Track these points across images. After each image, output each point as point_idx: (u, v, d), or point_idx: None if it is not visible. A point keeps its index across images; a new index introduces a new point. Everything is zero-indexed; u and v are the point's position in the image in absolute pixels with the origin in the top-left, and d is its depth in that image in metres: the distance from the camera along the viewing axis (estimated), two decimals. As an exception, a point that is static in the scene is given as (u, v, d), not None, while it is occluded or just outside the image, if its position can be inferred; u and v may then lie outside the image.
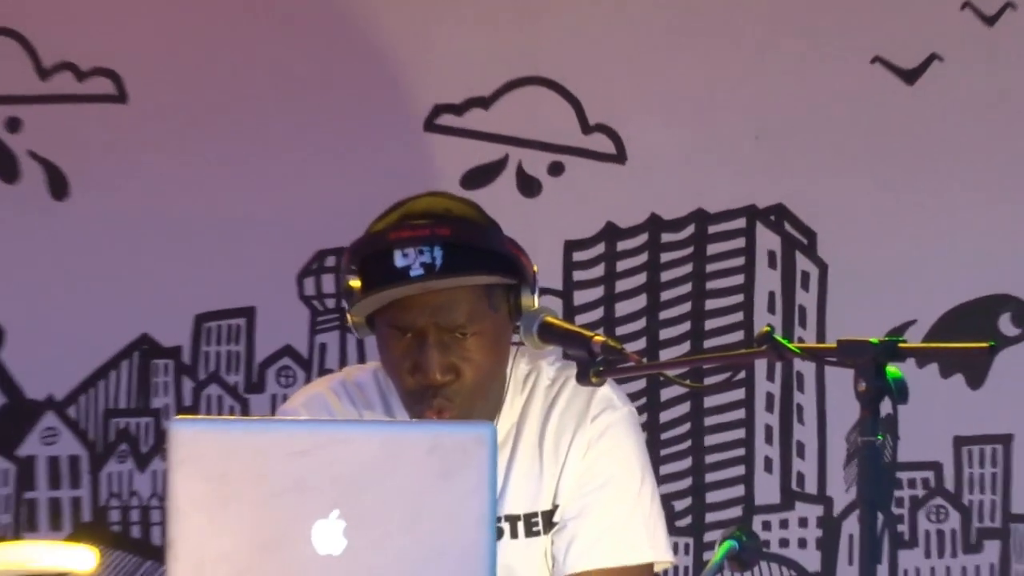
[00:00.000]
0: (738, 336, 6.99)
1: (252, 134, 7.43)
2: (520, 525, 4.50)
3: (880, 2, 7.38)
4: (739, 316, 7.00)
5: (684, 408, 7.07)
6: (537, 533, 4.52)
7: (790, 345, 4.46)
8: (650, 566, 4.69)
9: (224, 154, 7.46)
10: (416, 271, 4.40)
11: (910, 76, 7.07)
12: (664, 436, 7.08)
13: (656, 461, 6.04)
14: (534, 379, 4.71)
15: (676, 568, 6.92)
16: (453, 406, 4.40)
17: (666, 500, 5.41)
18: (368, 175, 7.20)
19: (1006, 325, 6.85)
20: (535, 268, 4.44)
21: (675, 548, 5.41)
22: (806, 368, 6.84)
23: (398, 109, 7.48)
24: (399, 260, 4.41)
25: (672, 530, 5.46)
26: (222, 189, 7.50)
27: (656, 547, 4.63)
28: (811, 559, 6.98)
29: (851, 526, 6.81)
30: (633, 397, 5.34)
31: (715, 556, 4.09)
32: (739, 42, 7.40)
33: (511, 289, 4.39)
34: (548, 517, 4.60)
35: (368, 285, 4.43)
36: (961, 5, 7.17)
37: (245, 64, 7.66)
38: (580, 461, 4.58)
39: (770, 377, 7.00)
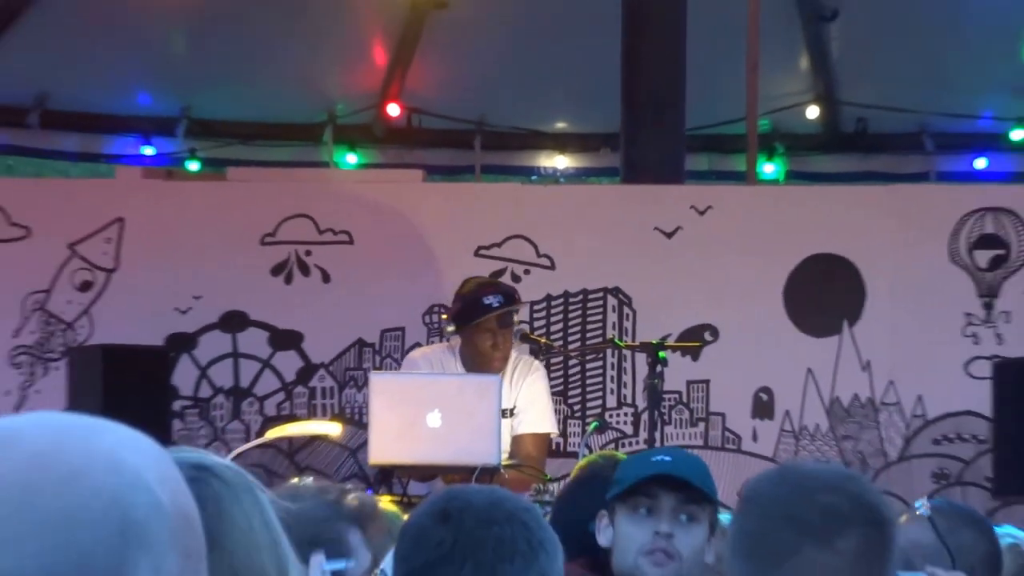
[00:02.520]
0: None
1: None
2: (504, 413, 7.97)
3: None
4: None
5: (575, 371, 10.37)
6: (508, 416, 8.12)
7: (619, 343, 9.55)
8: (548, 434, 8.75)
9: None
10: (496, 304, 8.35)
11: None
12: (570, 382, 10.41)
13: (560, 393, 10.00)
14: (515, 355, 8.56)
15: (562, 439, 9.97)
16: (503, 367, 8.32)
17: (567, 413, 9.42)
18: (452, 274, 10.02)
19: (709, 337, 10.04)
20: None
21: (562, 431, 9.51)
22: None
23: (463, 247, 10.47)
24: (489, 300, 8.37)
25: (563, 425, 9.80)
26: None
27: (551, 426, 8.78)
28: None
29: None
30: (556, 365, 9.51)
31: (589, 429, 9.22)
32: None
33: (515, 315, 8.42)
34: (511, 411, 8.26)
35: (478, 311, 8.33)
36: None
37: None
38: (525, 388, 8.49)
39: (617, 356, 10.31)
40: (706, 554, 4.40)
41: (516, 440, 8.20)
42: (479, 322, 8.40)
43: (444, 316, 9.06)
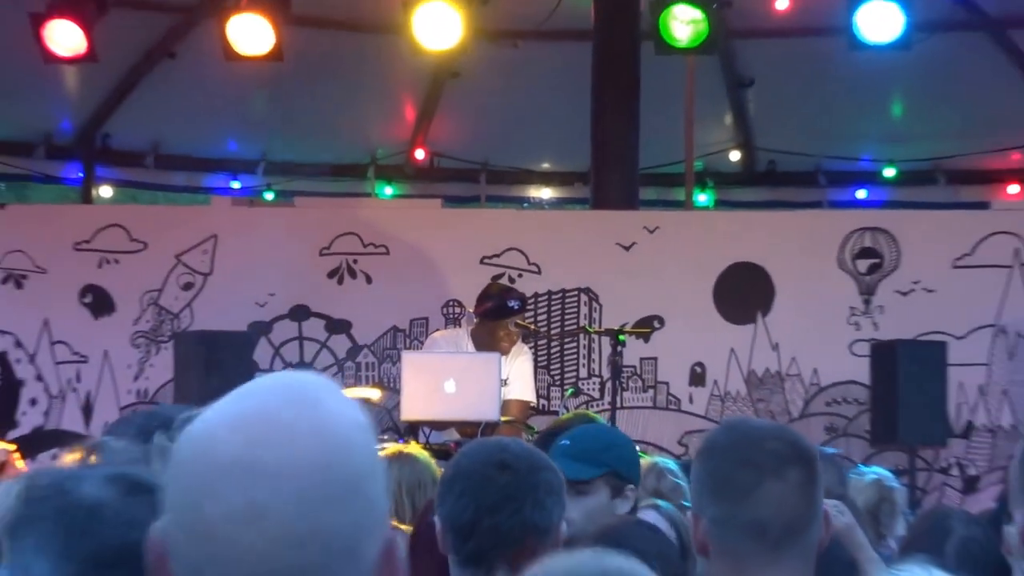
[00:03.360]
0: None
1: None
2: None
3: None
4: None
5: (556, 350, 10.27)
6: (504, 384, 7.97)
7: (589, 329, 9.69)
8: (528, 401, 8.58)
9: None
10: (516, 307, 8.34)
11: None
12: (552, 358, 10.30)
13: (544, 367, 9.99)
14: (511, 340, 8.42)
15: (546, 400, 9.93)
16: (509, 350, 8.23)
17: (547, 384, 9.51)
18: (463, 277, 10.13)
19: (657, 325, 9.93)
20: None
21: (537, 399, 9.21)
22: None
23: (471, 257, 10.28)
24: (512, 304, 8.30)
25: (547, 391, 9.82)
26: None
27: (531, 395, 8.66)
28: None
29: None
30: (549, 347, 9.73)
31: (567, 394, 9.36)
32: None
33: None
34: (505, 381, 8.09)
35: (504, 312, 8.26)
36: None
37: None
38: (516, 366, 8.40)
39: (588, 339, 10.17)
40: (616, 507, 4.30)
41: (505, 403, 8.09)
42: (505, 320, 8.42)
43: (472, 309, 8.90)
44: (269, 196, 12.09)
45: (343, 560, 1.44)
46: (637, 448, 5.35)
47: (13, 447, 6.02)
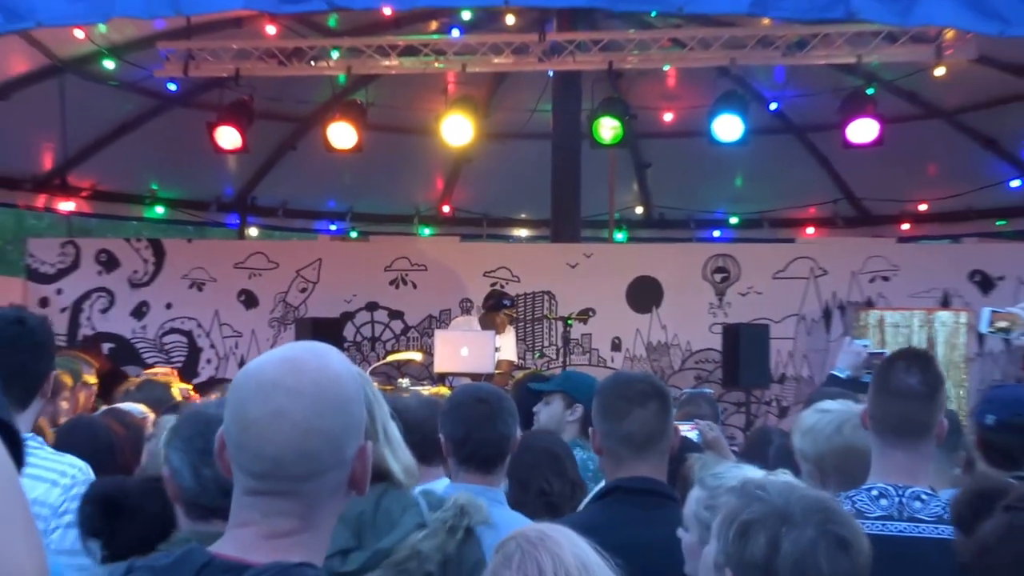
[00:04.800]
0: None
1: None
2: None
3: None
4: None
5: (531, 329, 10.08)
6: (496, 351, 7.80)
7: (549, 316, 9.69)
8: (512, 360, 8.44)
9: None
10: (509, 304, 8.41)
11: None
12: (526, 334, 10.07)
13: (522, 340, 9.76)
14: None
15: (522, 361, 9.44)
16: (503, 331, 8.16)
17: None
18: (472, 284, 10.03)
19: (592, 314, 10.01)
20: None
21: (518, 360, 9.03)
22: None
23: (477, 272, 10.06)
24: (506, 302, 8.38)
25: (524, 356, 9.59)
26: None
27: (512, 356, 8.49)
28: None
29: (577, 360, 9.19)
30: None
31: (535, 357, 9.53)
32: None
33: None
34: (497, 349, 7.85)
35: (500, 307, 8.24)
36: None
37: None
38: (503, 338, 8.20)
39: (549, 323, 10.02)
40: (567, 415, 4.14)
41: (498, 362, 8.04)
42: (500, 311, 8.46)
43: (480, 305, 8.93)
44: (353, 234, 11.88)
45: (333, 450, 1.42)
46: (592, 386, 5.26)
47: (191, 387, 6.01)
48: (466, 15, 9.03)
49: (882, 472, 2.56)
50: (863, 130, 8.03)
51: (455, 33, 8.67)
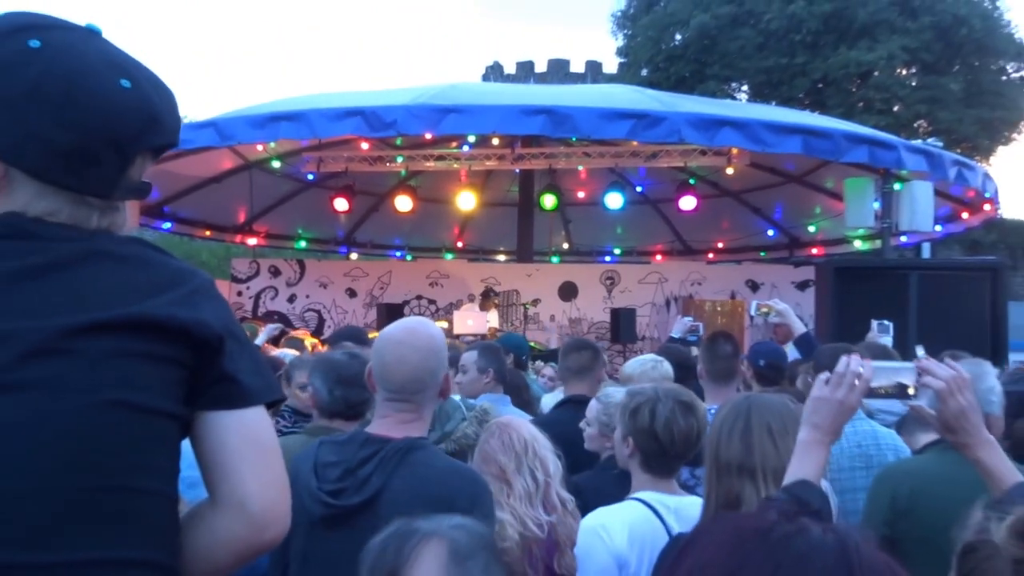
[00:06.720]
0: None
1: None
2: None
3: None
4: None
5: (510, 313, 9.41)
6: (488, 323, 7.51)
7: (527, 305, 9.49)
8: (497, 328, 7.71)
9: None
10: (492, 296, 8.05)
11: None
12: (506, 315, 9.32)
13: (503, 317, 9.25)
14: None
15: (501, 331, 7.93)
16: (492, 309, 7.84)
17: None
18: (477, 288, 9.09)
19: (541, 301, 9.62)
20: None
21: (499, 328, 8.64)
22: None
23: (477, 281, 9.34)
24: (493, 298, 8.01)
25: (504, 326, 8.99)
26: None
27: (497, 325, 7.81)
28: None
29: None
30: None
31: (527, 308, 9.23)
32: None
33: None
34: (488, 321, 7.25)
35: (490, 297, 7.83)
36: (526, 275, 9.34)
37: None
38: (493, 316, 7.69)
39: (521, 309, 9.41)
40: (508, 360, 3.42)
41: (490, 330, 7.62)
42: (490, 300, 8.20)
43: (479, 296, 8.56)
44: (408, 257, 11.42)
45: (430, 377, 1.42)
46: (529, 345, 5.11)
47: (319, 340, 5.70)
48: (471, 138, 8.81)
49: (713, 402, 2.46)
50: (688, 202, 7.85)
51: (465, 148, 8.30)
